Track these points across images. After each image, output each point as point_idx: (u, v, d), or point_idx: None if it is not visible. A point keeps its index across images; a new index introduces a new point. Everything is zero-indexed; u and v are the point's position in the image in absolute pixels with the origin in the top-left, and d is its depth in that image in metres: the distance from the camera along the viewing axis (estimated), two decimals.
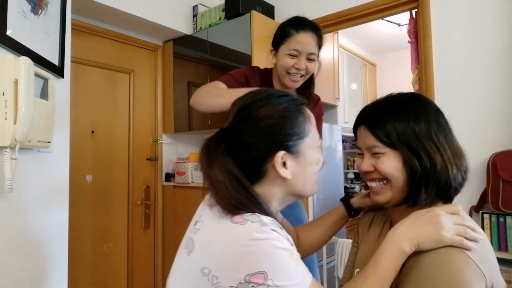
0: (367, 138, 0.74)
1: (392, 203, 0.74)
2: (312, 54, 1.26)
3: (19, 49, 1.18)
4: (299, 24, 1.26)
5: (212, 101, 1.16)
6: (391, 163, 0.71)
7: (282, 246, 0.59)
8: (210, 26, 2.42)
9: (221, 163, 0.65)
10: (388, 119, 0.71)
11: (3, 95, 1.06)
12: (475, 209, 1.67)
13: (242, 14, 2.21)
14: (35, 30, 1.28)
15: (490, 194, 1.60)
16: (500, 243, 1.60)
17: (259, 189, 0.69)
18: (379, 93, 4.47)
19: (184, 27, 2.54)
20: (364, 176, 0.79)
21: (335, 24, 2.26)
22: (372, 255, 0.68)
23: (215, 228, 0.63)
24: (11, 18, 1.13)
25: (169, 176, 2.64)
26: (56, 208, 1.44)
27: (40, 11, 1.30)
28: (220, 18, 2.38)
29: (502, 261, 1.56)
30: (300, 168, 0.70)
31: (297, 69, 1.26)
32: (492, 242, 1.61)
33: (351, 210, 0.97)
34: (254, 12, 2.17)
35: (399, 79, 3.93)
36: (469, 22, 1.79)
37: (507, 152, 1.61)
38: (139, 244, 2.51)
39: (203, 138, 0.70)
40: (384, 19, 2.76)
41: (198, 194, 0.75)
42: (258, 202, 0.64)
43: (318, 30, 1.27)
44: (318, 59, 1.31)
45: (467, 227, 0.65)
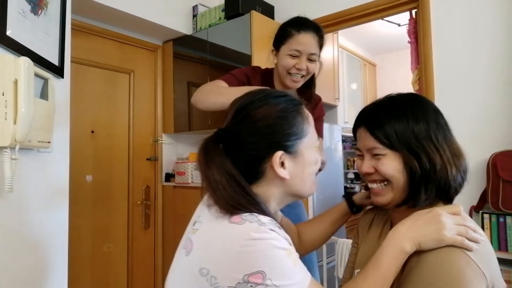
0: (367, 140, 0.74)
1: (393, 204, 0.74)
2: (313, 54, 1.26)
3: (19, 49, 1.18)
4: (300, 24, 1.25)
5: (213, 99, 1.16)
6: (392, 165, 0.71)
7: (280, 245, 0.59)
8: (210, 26, 2.42)
9: (219, 163, 0.65)
10: (388, 120, 0.71)
11: (3, 95, 1.06)
12: (475, 209, 1.67)
13: (242, 14, 2.21)
14: (35, 30, 1.28)
15: (490, 194, 1.60)
16: (500, 243, 1.60)
17: (257, 189, 0.69)
18: (379, 93, 4.48)
19: (184, 27, 2.54)
20: (364, 177, 0.79)
21: (335, 24, 2.26)
22: (372, 255, 0.68)
23: (214, 228, 0.63)
24: (11, 18, 1.13)
25: (169, 176, 2.64)
26: (56, 208, 1.44)
27: (40, 11, 1.30)
28: (220, 18, 2.38)
29: (502, 261, 1.56)
30: (298, 168, 0.70)
31: (298, 69, 1.26)
32: (492, 242, 1.61)
33: (353, 206, 0.96)
34: (254, 12, 2.17)
35: (399, 79, 3.94)
36: (468, 22, 1.79)
37: (507, 152, 1.61)
38: (139, 244, 2.52)
39: (203, 138, 0.70)
40: (384, 19, 2.76)
41: (198, 194, 0.75)
42: (256, 202, 0.64)
43: (319, 30, 1.27)
44: (319, 60, 1.31)
45: (468, 227, 0.65)
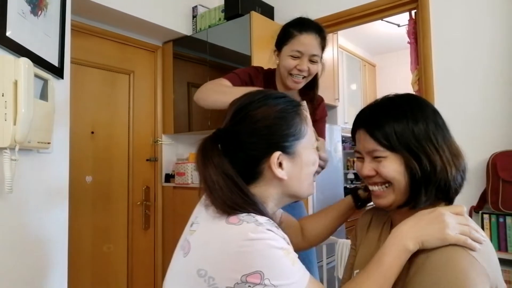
0: (367, 142, 0.73)
1: (394, 206, 0.74)
2: (314, 55, 1.25)
3: (19, 50, 1.18)
4: (302, 25, 1.25)
5: (215, 97, 1.16)
6: (393, 167, 0.70)
7: (278, 245, 0.59)
8: (209, 27, 2.42)
9: (216, 163, 0.65)
10: (387, 122, 0.71)
11: (2, 96, 1.07)
12: (475, 209, 1.67)
13: (242, 15, 2.21)
14: (35, 31, 1.28)
15: (490, 194, 1.59)
16: (500, 243, 1.60)
17: (255, 189, 0.69)
18: (378, 93, 4.49)
19: (184, 28, 2.54)
20: (365, 180, 0.78)
21: (335, 25, 2.26)
22: (372, 256, 0.68)
23: (211, 229, 0.63)
24: (10, 19, 1.14)
25: (169, 177, 2.64)
26: (56, 209, 1.44)
27: (39, 12, 1.30)
28: (219, 19, 2.38)
29: (502, 261, 1.55)
30: (296, 169, 0.70)
31: (299, 70, 1.25)
32: (492, 242, 1.60)
33: (359, 201, 0.95)
34: (254, 13, 2.17)
35: (399, 80, 3.94)
36: (468, 22, 1.79)
37: (507, 152, 1.61)
38: (139, 245, 2.51)
39: (202, 138, 0.70)
40: (383, 19, 2.77)
41: (197, 195, 0.75)
42: (253, 202, 0.64)
43: (321, 31, 1.26)
44: (321, 61, 1.30)
45: (471, 227, 0.65)
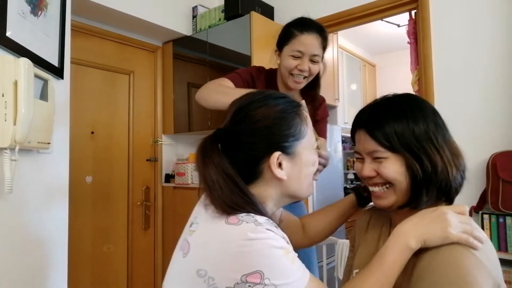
0: (367, 143, 0.73)
1: (395, 207, 0.73)
2: (315, 55, 1.24)
3: (19, 50, 1.18)
4: (303, 25, 1.25)
5: (217, 98, 1.15)
6: (394, 168, 0.70)
7: (277, 245, 0.59)
8: (209, 27, 2.42)
9: (216, 163, 0.65)
10: (387, 122, 0.70)
11: (2, 96, 1.07)
12: (475, 209, 1.67)
13: (242, 15, 2.21)
14: (35, 31, 1.28)
15: (490, 194, 1.59)
16: (500, 243, 1.60)
17: (255, 189, 0.69)
18: (378, 93, 4.48)
19: (184, 28, 2.54)
20: (365, 180, 0.77)
21: (335, 25, 2.26)
22: (372, 257, 0.68)
23: (210, 229, 0.63)
24: (10, 19, 1.14)
25: (169, 177, 2.64)
26: (56, 209, 1.44)
27: (39, 12, 1.30)
28: (219, 19, 2.38)
29: (502, 261, 1.54)
30: (295, 169, 0.70)
31: (300, 70, 1.25)
32: (492, 242, 1.60)
33: (361, 199, 0.95)
34: (254, 13, 2.17)
35: (399, 80, 3.95)
36: (468, 22, 1.79)
37: (507, 152, 1.61)
38: (139, 245, 2.51)
39: (201, 138, 0.70)
40: (383, 19, 2.77)
41: (197, 195, 0.75)
42: (252, 202, 0.64)
43: (322, 31, 1.26)
44: (322, 61, 1.29)
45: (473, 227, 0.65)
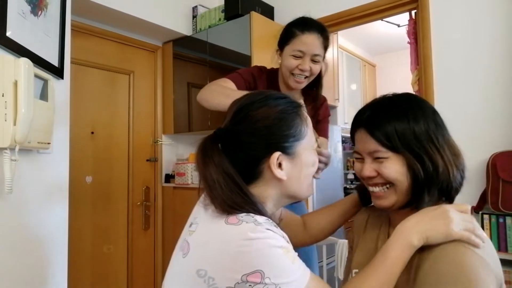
0: (368, 143, 0.72)
1: (396, 207, 0.73)
2: (316, 55, 1.24)
3: (19, 50, 1.18)
4: (304, 24, 1.24)
5: (219, 100, 1.14)
6: (395, 168, 0.69)
7: (277, 244, 0.59)
8: (209, 27, 2.42)
9: (216, 163, 0.65)
10: (388, 121, 0.70)
11: (3, 96, 1.07)
12: (475, 209, 1.67)
13: (242, 15, 2.21)
14: (35, 31, 1.28)
15: (490, 194, 1.59)
16: (500, 243, 1.60)
17: (254, 189, 0.69)
18: (378, 93, 4.46)
19: (184, 28, 2.54)
20: (364, 181, 0.76)
21: (335, 25, 2.26)
22: (371, 257, 0.68)
23: (210, 229, 0.63)
24: (11, 19, 1.14)
25: (169, 177, 2.63)
26: (56, 209, 1.44)
27: (39, 12, 1.30)
28: (219, 19, 2.38)
29: (502, 261, 1.53)
30: (295, 169, 0.70)
31: (301, 70, 1.24)
32: (491, 242, 1.60)
33: (365, 198, 0.93)
34: (254, 13, 2.17)
35: (399, 80, 3.94)
36: (468, 22, 1.79)
37: (507, 152, 1.61)
38: (139, 245, 2.51)
39: (202, 137, 0.70)
40: (383, 19, 2.77)
41: (197, 195, 0.75)
42: (252, 201, 0.64)
43: (323, 31, 1.26)
44: (324, 60, 1.29)
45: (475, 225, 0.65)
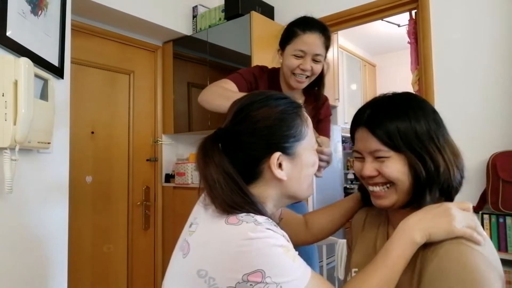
0: (369, 142, 0.71)
1: (396, 206, 0.72)
2: (318, 55, 1.24)
3: (19, 50, 1.18)
4: (306, 24, 1.24)
5: (220, 102, 1.14)
6: (397, 167, 0.69)
7: (277, 243, 0.59)
8: (210, 26, 2.42)
9: (217, 162, 0.65)
10: (390, 120, 0.69)
11: (3, 96, 1.07)
12: (475, 209, 1.66)
13: (242, 15, 2.21)
14: (35, 31, 1.28)
15: (490, 194, 1.59)
16: (500, 243, 1.60)
17: (255, 189, 0.69)
18: (379, 93, 4.48)
19: (184, 27, 2.54)
20: (364, 180, 0.76)
21: (335, 25, 2.26)
22: (369, 256, 0.68)
23: (210, 229, 0.63)
24: (11, 19, 1.14)
25: (169, 177, 2.64)
26: (56, 209, 1.44)
27: (40, 12, 1.30)
28: (220, 19, 2.38)
29: (502, 261, 1.54)
30: (295, 170, 0.70)
31: (302, 69, 1.24)
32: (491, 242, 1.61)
33: (367, 197, 0.93)
34: (254, 13, 2.17)
35: (399, 80, 3.94)
36: (468, 22, 1.79)
37: (507, 152, 1.60)
38: (139, 245, 2.51)
39: (202, 137, 0.70)
40: (383, 19, 2.77)
41: (197, 195, 0.75)
42: (252, 201, 0.64)
43: (325, 30, 1.25)
44: (325, 60, 1.29)
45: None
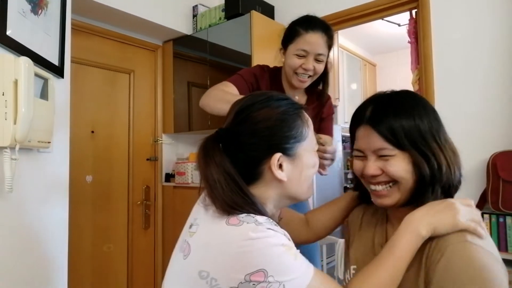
0: (373, 139, 0.69)
1: (398, 205, 0.72)
2: (320, 55, 1.23)
3: (19, 49, 1.18)
4: (308, 23, 1.23)
5: (221, 106, 1.13)
6: (401, 166, 0.68)
7: (279, 242, 0.59)
8: (210, 26, 2.42)
9: (218, 163, 0.65)
10: (395, 118, 0.67)
11: (3, 95, 1.06)
12: None
13: (242, 14, 2.21)
14: (35, 30, 1.28)
15: (490, 194, 1.59)
16: (500, 243, 1.59)
17: (255, 190, 0.69)
18: None
19: (184, 27, 2.54)
20: (365, 179, 0.74)
21: (335, 24, 2.25)
22: (368, 253, 0.68)
23: (211, 230, 0.63)
24: (11, 18, 1.13)
25: (169, 177, 2.64)
26: (56, 209, 1.44)
27: (40, 11, 1.30)
28: (220, 18, 2.38)
29: (503, 261, 1.55)
30: (296, 171, 0.70)
31: (304, 69, 1.24)
32: None
33: (365, 196, 0.92)
34: (254, 12, 2.17)
35: (399, 79, 3.93)
36: (468, 22, 1.78)
37: (507, 152, 1.60)
38: (139, 244, 2.51)
39: (203, 137, 0.70)
40: (384, 19, 2.77)
41: (197, 194, 0.75)
42: (252, 202, 0.64)
43: (328, 30, 1.24)
44: (328, 59, 1.28)
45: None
